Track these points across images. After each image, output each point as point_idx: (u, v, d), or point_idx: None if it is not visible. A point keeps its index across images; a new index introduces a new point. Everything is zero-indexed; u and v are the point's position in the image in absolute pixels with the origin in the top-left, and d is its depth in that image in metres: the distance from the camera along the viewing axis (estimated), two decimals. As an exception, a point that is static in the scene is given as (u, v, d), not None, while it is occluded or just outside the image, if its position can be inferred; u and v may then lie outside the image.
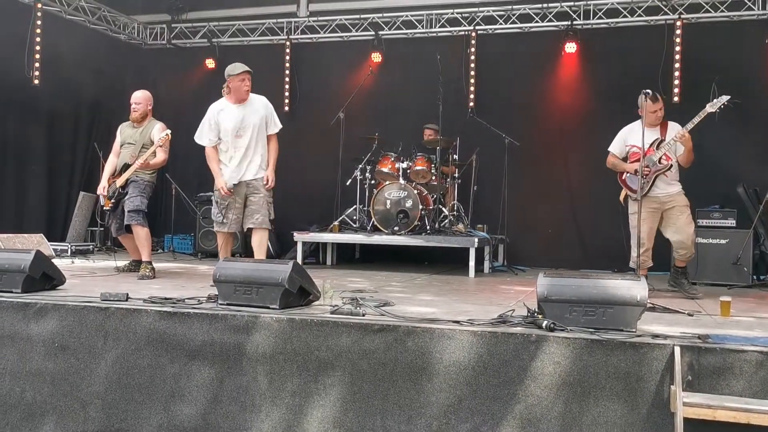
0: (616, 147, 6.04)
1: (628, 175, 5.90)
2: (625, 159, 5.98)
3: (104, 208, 6.63)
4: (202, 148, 6.13)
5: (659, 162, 5.73)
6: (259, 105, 6.12)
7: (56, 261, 6.44)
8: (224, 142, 6.04)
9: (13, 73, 8.66)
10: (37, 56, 8.83)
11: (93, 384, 4.04)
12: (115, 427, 3.95)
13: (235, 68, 5.96)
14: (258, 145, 6.05)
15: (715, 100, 5.50)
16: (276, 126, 6.17)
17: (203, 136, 6.10)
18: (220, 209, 6.08)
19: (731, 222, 7.33)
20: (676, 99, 8.45)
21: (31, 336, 4.20)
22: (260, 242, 6.05)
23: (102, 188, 6.60)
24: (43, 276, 4.84)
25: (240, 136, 5.99)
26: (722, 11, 8.63)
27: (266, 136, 6.13)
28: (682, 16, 8.68)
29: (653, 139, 5.80)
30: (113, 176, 6.59)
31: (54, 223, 9.55)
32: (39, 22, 8.83)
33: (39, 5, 8.85)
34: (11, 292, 4.57)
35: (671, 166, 5.76)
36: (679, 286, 5.98)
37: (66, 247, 8.72)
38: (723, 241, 7.14)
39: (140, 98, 6.67)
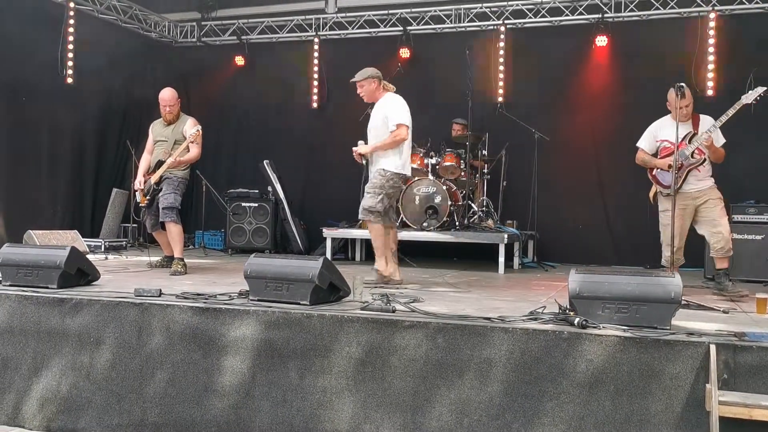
0: (645, 143, 5.86)
1: (659, 170, 5.75)
2: (655, 155, 5.81)
3: (140, 205, 6.73)
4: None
5: (692, 156, 5.56)
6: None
7: (90, 257, 6.55)
8: None
9: (47, 71, 8.80)
10: (70, 55, 8.96)
11: (128, 378, 4.10)
12: (150, 421, 4.01)
13: None
14: None
15: (750, 92, 5.36)
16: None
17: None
18: None
19: (767, 218, 7.19)
20: (710, 92, 8.30)
21: (67, 331, 4.28)
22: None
23: (138, 183, 6.68)
24: (78, 272, 4.92)
25: None
26: (757, 2, 8.44)
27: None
28: (716, 8, 8.52)
29: (686, 133, 5.59)
30: (147, 173, 6.68)
31: (88, 220, 9.71)
32: (72, 21, 8.96)
33: (71, 4, 8.96)
34: (47, 287, 4.65)
35: (704, 160, 5.57)
36: (723, 289, 5.58)
37: (100, 243, 8.88)
38: (758, 237, 7.01)
39: (171, 99, 6.62)
